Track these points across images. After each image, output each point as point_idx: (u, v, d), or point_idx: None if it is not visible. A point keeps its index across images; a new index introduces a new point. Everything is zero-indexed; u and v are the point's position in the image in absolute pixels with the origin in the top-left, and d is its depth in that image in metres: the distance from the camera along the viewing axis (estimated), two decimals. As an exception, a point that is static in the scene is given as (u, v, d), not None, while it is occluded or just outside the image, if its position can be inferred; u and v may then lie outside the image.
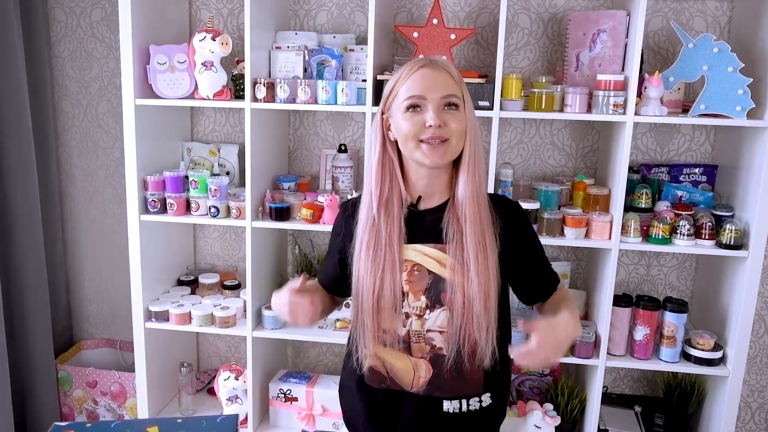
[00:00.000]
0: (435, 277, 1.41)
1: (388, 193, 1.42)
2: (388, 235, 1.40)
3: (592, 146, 2.52)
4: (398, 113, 1.38)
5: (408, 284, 1.42)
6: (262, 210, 2.38)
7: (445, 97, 1.36)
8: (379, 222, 1.41)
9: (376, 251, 1.40)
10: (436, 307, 1.42)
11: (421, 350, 1.45)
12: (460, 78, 1.41)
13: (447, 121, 1.35)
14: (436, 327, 1.43)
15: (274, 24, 2.43)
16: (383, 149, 1.43)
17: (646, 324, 2.24)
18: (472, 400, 1.48)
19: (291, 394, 2.54)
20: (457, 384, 1.46)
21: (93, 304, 3.00)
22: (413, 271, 1.42)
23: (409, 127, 1.35)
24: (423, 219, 1.44)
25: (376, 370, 1.49)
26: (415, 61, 1.40)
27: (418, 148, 1.36)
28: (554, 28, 2.45)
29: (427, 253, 1.42)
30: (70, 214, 2.92)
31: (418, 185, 1.44)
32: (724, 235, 2.14)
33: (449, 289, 1.40)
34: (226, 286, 2.61)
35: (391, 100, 1.40)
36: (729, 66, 2.05)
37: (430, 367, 1.45)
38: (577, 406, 2.40)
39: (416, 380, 1.46)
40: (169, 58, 2.29)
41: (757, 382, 2.65)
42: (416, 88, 1.35)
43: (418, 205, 1.45)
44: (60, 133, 2.84)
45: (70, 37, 2.75)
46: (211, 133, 2.73)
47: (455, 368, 1.43)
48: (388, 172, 1.43)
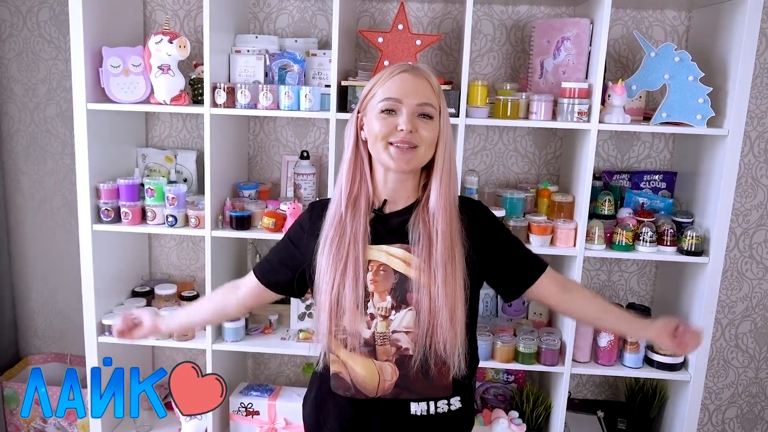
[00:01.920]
0: (401, 277, 1.41)
1: (357, 192, 1.42)
2: (353, 233, 1.40)
3: (555, 153, 2.53)
4: (373, 113, 1.38)
5: (373, 284, 1.41)
6: (222, 219, 2.30)
7: (421, 104, 1.36)
8: (346, 219, 1.41)
9: (339, 248, 1.40)
10: (401, 308, 1.41)
11: (386, 353, 1.43)
12: (439, 89, 1.41)
13: (419, 127, 1.36)
14: (401, 327, 1.42)
15: (234, 27, 2.36)
16: (356, 148, 1.43)
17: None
18: (440, 403, 1.46)
19: (252, 408, 2.47)
20: (424, 385, 1.44)
21: (41, 317, 2.87)
22: (378, 270, 1.41)
23: (380, 128, 1.36)
24: (388, 221, 1.44)
25: (341, 377, 1.47)
26: (399, 65, 1.40)
27: (386, 149, 1.37)
28: (517, 35, 2.45)
29: (393, 253, 1.42)
30: (15, 223, 2.78)
31: (385, 188, 1.44)
32: (685, 241, 2.17)
33: (415, 288, 1.39)
34: (183, 297, 2.51)
35: (368, 100, 1.40)
36: (689, 75, 2.08)
37: (396, 369, 1.44)
38: (542, 413, 2.40)
39: (382, 385, 1.44)
40: (123, 61, 2.19)
41: (714, 384, 2.70)
42: (394, 91, 1.36)
43: (384, 208, 1.45)
44: (4, 138, 2.70)
45: (15, 37, 2.62)
46: (168, 138, 2.64)
47: (422, 370, 1.42)
48: (359, 171, 1.43)
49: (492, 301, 2.57)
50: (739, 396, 2.71)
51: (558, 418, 2.33)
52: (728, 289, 2.60)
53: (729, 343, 2.66)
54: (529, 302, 2.55)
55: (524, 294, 1.52)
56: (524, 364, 2.28)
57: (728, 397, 2.72)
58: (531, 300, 2.46)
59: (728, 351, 2.67)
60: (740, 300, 2.61)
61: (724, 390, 2.71)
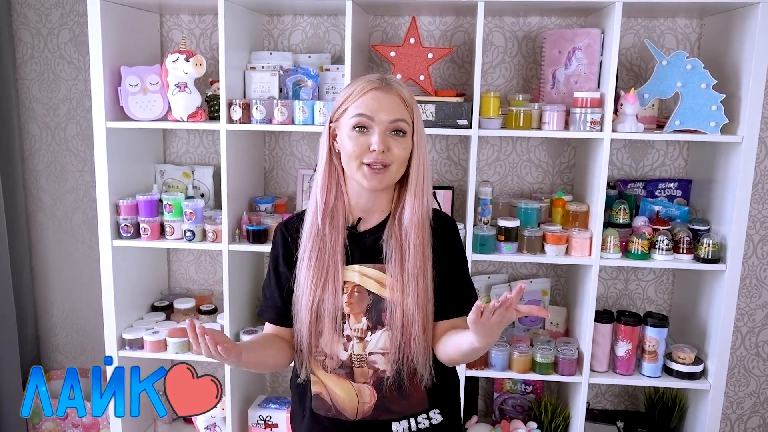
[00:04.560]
0: (375, 298, 1.42)
1: (333, 203, 1.42)
2: (332, 246, 1.41)
3: (568, 162, 2.53)
4: (345, 129, 1.37)
5: (348, 306, 1.42)
6: (239, 233, 2.33)
7: (394, 122, 1.35)
8: (324, 232, 1.41)
9: (319, 261, 1.40)
10: (377, 328, 1.41)
11: (363, 375, 1.44)
12: (412, 100, 1.40)
13: (391, 146, 1.35)
14: (378, 349, 1.42)
15: (248, 44, 2.41)
16: (329, 159, 1.43)
17: (628, 339, 2.24)
18: (420, 418, 1.47)
19: (271, 421, 2.48)
20: (402, 403, 1.45)
21: (62, 332, 2.91)
22: (353, 292, 1.42)
23: (353, 148, 1.35)
24: (362, 240, 1.44)
25: (322, 398, 1.48)
26: (370, 79, 1.38)
27: (359, 169, 1.36)
28: (528, 46, 2.47)
29: (367, 273, 1.42)
30: (37, 240, 2.83)
31: (359, 203, 1.45)
32: (702, 249, 2.16)
33: (389, 308, 1.40)
34: (202, 311, 2.55)
35: (340, 113, 1.39)
36: (702, 82, 2.08)
37: (374, 392, 1.44)
38: (561, 424, 2.39)
39: (361, 407, 1.45)
40: (141, 80, 2.24)
41: (735, 393, 2.67)
42: (366, 108, 1.34)
43: (358, 226, 1.45)
44: (26, 156, 2.76)
45: (36, 59, 2.68)
46: (185, 155, 2.68)
47: (396, 387, 1.43)
48: (334, 182, 1.43)
49: (508, 311, 2.56)
50: (761, 405, 2.68)
51: (577, 428, 2.32)
52: (747, 296, 2.57)
53: (749, 351, 2.63)
54: (546, 312, 2.54)
55: (436, 321, 1.45)
56: (541, 375, 2.27)
57: (750, 407, 2.69)
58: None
59: (749, 359, 2.64)
60: (760, 307, 2.58)
61: (745, 399, 2.68)
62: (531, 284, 2.55)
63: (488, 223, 2.30)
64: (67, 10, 2.63)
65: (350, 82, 1.43)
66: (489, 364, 2.31)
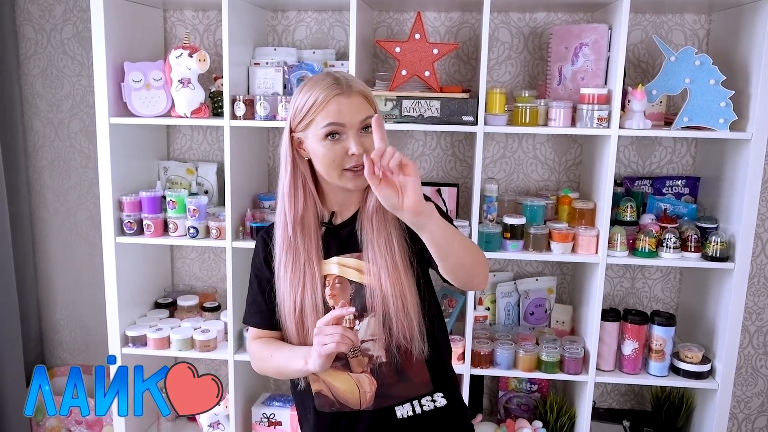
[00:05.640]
0: (356, 286, 1.42)
1: (303, 211, 1.42)
2: (306, 252, 1.42)
3: (574, 160, 2.51)
4: (315, 139, 1.36)
5: (332, 298, 1.43)
6: (242, 230, 2.32)
7: (363, 120, 1.35)
8: (296, 241, 1.42)
9: (294, 270, 1.42)
10: (364, 316, 1.42)
11: (360, 364, 1.44)
12: (370, 93, 1.39)
13: (366, 145, 1.34)
14: (368, 336, 1.43)
15: (252, 40, 2.39)
16: (294, 168, 1.41)
17: (635, 338, 2.22)
18: (424, 400, 1.46)
19: (275, 418, 2.47)
20: (402, 387, 1.45)
21: (66, 329, 2.90)
22: (335, 284, 1.43)
23: (332, 157, 1.35)
24: (339, 232, 1.46)
25: (323, 395, 1.48)
26: (327, 84, 1.35)
27: (342, 176, 1.36)
28: (534, 42, 2.45)
29: (346, 263, 1.43)
30: (41, 236, 2.82)
31: (335, 200, 1.46)
32: (710, 247, 2.14)
33: (369, 293, 1.41)
34: (205, 308, 2.54)
35: (305, 125, 1.36)
36: (711, 79, 2.05)
37: (373, 380, 1.44)
38: (566, 423, 2.37)
39: (363, 397, 1.45)
40: (145, 76, 2.22)
41: (743, 393, 2.65)
42: (335, 116, 1.33)
43: (333, 220, 1.46)
44: (30, 153, 2.75)
45: (40, 55, 2.67)
46: (188, 151, 2.67)
47: (396, 370, 1.43)
48: (302, 190, 1.42)
49: (514, 309, 2.55)
50: (769, 405, 2.66)
51: (583, 427, 2.30)
52: (755, 295, 2.55)
53: (757, 350, 2.61)
54: (551, 310, 2.52)
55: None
56: (547, 373, 2.25)
57: (757, 406, 2.66)
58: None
59: (757, 359, 2.62)
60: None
61: (753, 399, 2.66)
62: (537, 282, 2.54)
63: (494, 220, 2.28)
64: (70, 5, 2.62)
65: (304, 89, 1.38)
66: (494, 363, 2.29)
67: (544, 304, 2.53)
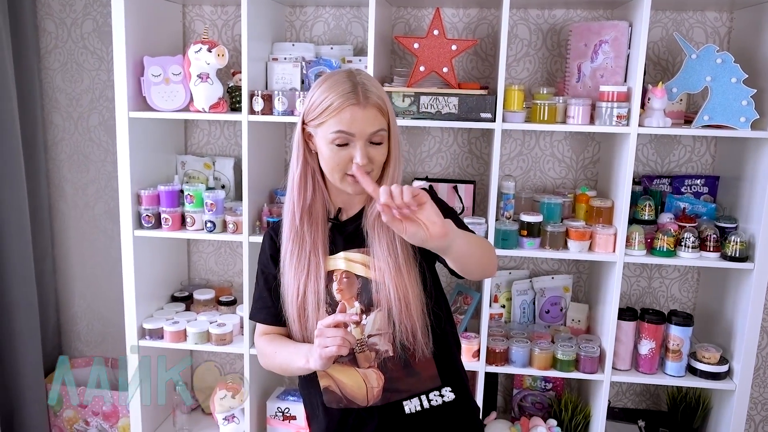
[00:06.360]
0: (363, 280, 1.43)
1: (311, 201, 1.44)
2: (312, 242, 1.43)
3: (592, 158, 2.50)
4: (324, 141, 1.37)
5: (339, 293, 1.44)
6: (259, 224, 2.33)
7: (373, 134, 1.36)
8: (303, 231, 1.43)
9: (299, 258, 1.43)
10: (371, 310, 1.42)
11: (367, 359, 1.44)
12: (387, 103, 1.38)
13: (372, 156, 1.36)
14: (375, 330, 1.43)
15: (271, 35, 2.40)
16: (305, 160, 1.43)
17: (651, 338, 2.21)
18: (432, 395, 1.46)
19: (289, 413, 2.48)
20: (410, 381, 1.45)
21: (83, 321, 2.93)
22: (342, 279, 1.44)
23: (336, 161, 1.37)
24: (345, 228, 1.47)
25: (331, 390, 1.48)
26: (345, 91, 1.33)
27: (343, 179, 1.39)
28: (553, 39, 2.43)
29: (353, 258, 1.44)
30: (60, 229, 2.85)
31: (339, 197, 1.47)
32: (729, 247, 2.12)
33: (374, 288, 1.41)
34: (221, 302, 2.55)
35: (317, 123, 1.37)
36: (732, 77, 2.03)
37: (381, 374, 1.44)
38: (581, 422, 2.36)
39: (370, 392, 1.45)
40: (164, 70, 2.24)
41: (761, 394, 2.63)
42: (346, 125, 1.33)
43: (339, 216, 1.48)
44: (49, 146, 2.78)
45: (60, 49, 2.70)
46: (206, 146, 2.68)
47: (402, 365, 1.43)
48: (311, 180, 1.44)
49: (529, 307, 2.54)
50: (787, 407, 2.63)
51: (597, 427, 2.29)
52: (774, 296, 2.52)
53: (775, 352, 2.58)
54: (567, 309, 2.51)
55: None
56: (562, 372, 2.25)
57: (775, 408, 2.64)
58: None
59: (775, 360, 2.59)
60: (787, 307, 2.53)
61: (770, 400, 2.64)
62: (553, 280, 2.53)
63: (510, 218, 2.27)
64: (90, 0, 2.64)
65: (323, 86, 1.37)
66: (509, 361, 2.29)
67: (560, 303, 2.52)
